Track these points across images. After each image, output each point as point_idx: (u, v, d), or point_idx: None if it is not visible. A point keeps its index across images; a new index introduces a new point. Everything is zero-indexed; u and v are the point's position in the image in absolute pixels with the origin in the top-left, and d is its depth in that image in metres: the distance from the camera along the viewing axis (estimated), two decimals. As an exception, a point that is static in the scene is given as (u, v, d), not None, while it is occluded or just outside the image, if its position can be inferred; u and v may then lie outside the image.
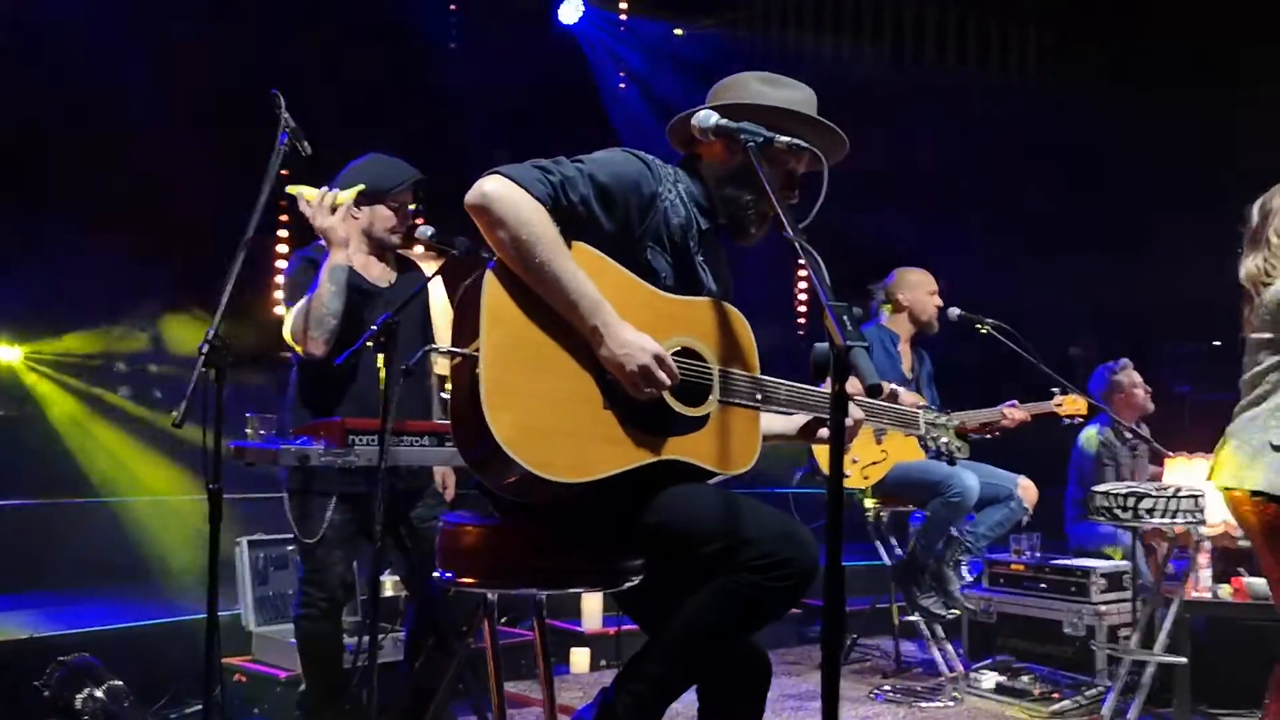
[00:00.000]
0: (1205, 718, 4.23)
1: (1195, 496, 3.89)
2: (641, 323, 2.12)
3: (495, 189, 2.07)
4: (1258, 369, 3.06)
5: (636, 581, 2.31)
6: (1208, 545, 4.42)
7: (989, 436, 4.23)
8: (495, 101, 6.70)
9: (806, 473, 4.66)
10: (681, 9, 7.98)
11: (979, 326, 4.66)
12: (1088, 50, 7.98)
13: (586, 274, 2.09)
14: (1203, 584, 4.46)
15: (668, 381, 2.10)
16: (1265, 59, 7.04)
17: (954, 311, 4.74)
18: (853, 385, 1.66)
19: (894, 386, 2.84)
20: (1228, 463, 3.07)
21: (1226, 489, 3.06)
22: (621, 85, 7.78)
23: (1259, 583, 4.37)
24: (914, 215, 7.46)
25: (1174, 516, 3.89)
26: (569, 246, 2.10)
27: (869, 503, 4.78)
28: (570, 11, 7.40)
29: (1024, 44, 8.46)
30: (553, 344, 2.08)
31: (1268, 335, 3.04)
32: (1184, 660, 4.04)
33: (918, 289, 4.91)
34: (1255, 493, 2.96)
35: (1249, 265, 3.13)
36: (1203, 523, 3.98)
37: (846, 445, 4.54)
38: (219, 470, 2.86)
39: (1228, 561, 4.77)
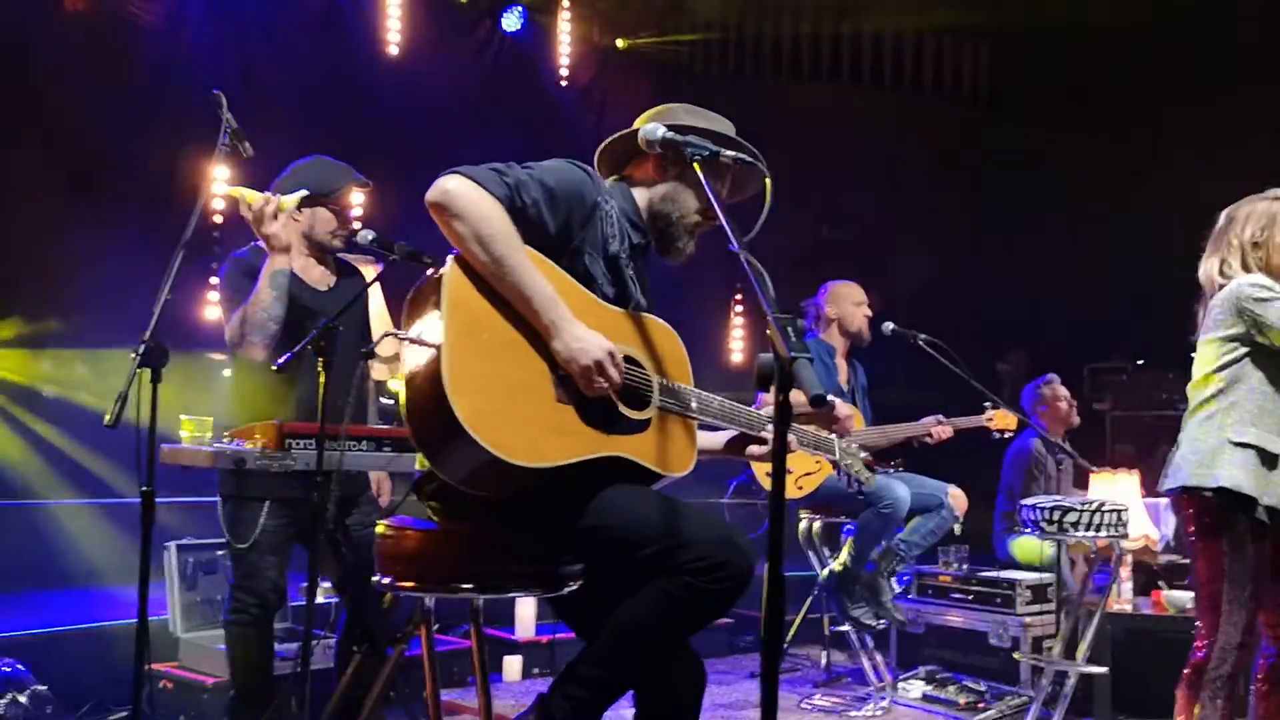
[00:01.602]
0: (1124, 727, 4.36)
1: (1118, 511, 4.00)
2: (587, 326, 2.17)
3: (456, 186, 2.13)
4: (1210, 367, 3.16)
5: (575, 586, 2.33)
6: (1129, 559, 4.56)
7: (892, 470, 4.32)
8: (437, 107, 6.68)
9: (742, 482, 4.71)
10: (623, 22, 8.03)
11: (912, 340, 4.76)
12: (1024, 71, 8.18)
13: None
14: (1124, 596, 4.60)
15: (619, 379, 2.16)
16: (1178, 87, 7.30)
17: (888, 326, 4.82)
18: (797, 396, 1.69)
19: (831, 397, 2.90)
20: (1184, 464, 3.15)
21: (1185, 489, 3.13)
22: (563, 95, 7.79)
23: (1177, 596, 4.52)
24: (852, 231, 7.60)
25: (1097, 530, 3.99)
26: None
27: (801, 513, 4.84)
28: (512, 20, 7.41)
29: (959, 63, 8.62)
30: (510, 335, 2.14)
31: (1218, 334, 3.15)
32: (1104, 670, 4.15)
33: (844, 301, 5.00)
34: (1219, 490, 3.04)
35: (1208, 266, 3.27)
36: (1125, 536, 4.09)
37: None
38: (153, 472, 2.83)
39: (1148, 575, 4.93)
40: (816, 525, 4.95)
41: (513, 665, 4.92)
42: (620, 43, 8.08)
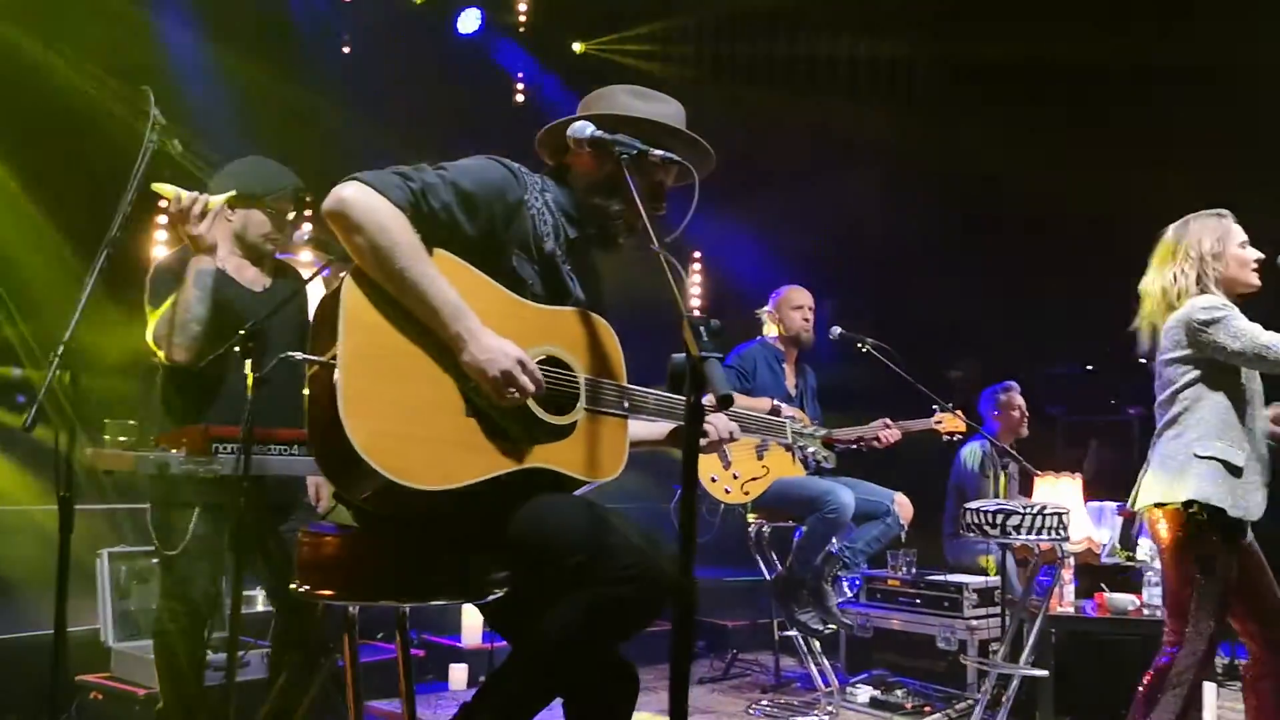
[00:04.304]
0: (1067, 729, 4.37)
1: (1060, 514, 4.01)
2: (506, 331, 2.10)
3: (353, 195, 2.03)
4: (1173, 388, 3.24)
5: (501, 594, 2.28)
6: (1072, 562, 4.58)
7: (855, 446, 4.33)
8: (390, 109, 6.61)
9: (688, 488, 4.68)
10: (581, 25, 8.00)
11: (860, 345, 4.76)
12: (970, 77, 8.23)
13: (449, 282, 2.06)
14: (1067, 599, 4.62)
15: (531, 387, 2.09)
16: (1133, 93, 7.38)
17: (835, 330, 4.82)
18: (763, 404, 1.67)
19: (778, 402, 2.88)
20: (1154, 484, 3.23)
21: (1157, 505, 3.20)
22: (520, 98, 7.75)
23: (1120, 598, 4.54)
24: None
25: (1040, 533, 4.00)
26: (430, 254, 2.07)
27: (750, 517, 4.83)
28: (469, 21, 7.35)
29: (913, 70, 8.66)
30: (414, 351, 2.05)
31: (1178, 354, 3.23)
32: (1045, 673, 4.16)
33: (785, 306, 5.01)
34: (1188, 502, 3.12)
35: (1161, 281, 3.32)
36: (1067, 539, 4.10)
37: (726, 455, 4.56)
38: (70, 478, 2.75)
39: (1092, 578, 4.95)
40: (765, 530, 4.93)
41: (459, 673, 4.86)
42: (578, 46, 8.05)
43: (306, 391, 2.09)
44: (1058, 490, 4.66)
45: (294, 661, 3.37)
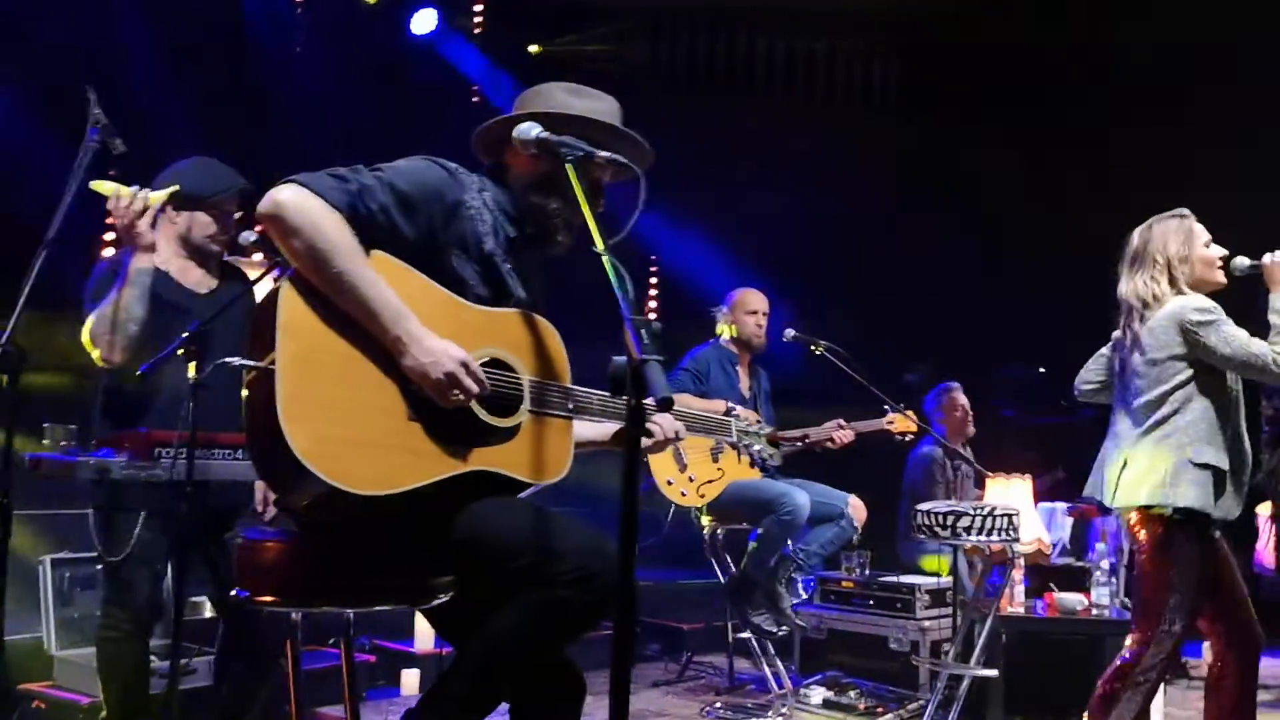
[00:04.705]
0: (1017, 728, 4.41)
1: (1010, 515, 4.04)
2: (447, 333, 2.08)
3: (289, 197, 2.01)
4: (1162, 389, 3.23)
5: (447, 598, 2.26)
6: (1021, 562, 4.62)
7: (800, 444, 4.35)
8: (342, 109, 6.55)
9: (644, 491, 4.68)
10: (537, 26, 7.97)
11: (813, 348, 4.78)
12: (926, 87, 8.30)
13: (389, 284, 2.04)
14: (1017, 599, 4.67)
15: (475, 389, 2.07)
16: (1091, 95, 7.48)
17: (789, 333, 4.84)
18: (691, 401, 1.66)
19: (732, 405, 2.88)
20: (1142, 484, 3.21)
21: (1145, 507, 3.19)
22: (475, 99, 7.71)
23: (1068, 598, 4.59)
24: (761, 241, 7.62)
25: (990, 534, 4.03)
26: (368, 256, 2.05)
27: (705, 520, 4.83)
28: (423, 22, 7.30)
29: (870, 72, 8.71)
30: (354, 355, 2.02)
31: (1166, 354, 3.22)
32: (995, 673, 4.19)
33: (739, 309, 5.02)
34: (1179, 509, 3.13)
35: (1133, 285, 3.34)
36: (1017, 540, 4.14)
37: (682, 457, 4.54)
38: (9, 482, 2.70)
39: (1042, 578, 5.01)
40: (720, 532, 4.93)
41: (411, 679, 4.82)
42: (533, 48, 8.02)
43: (245, 395, 2.06)
44: (1009, 491, 4.70)
45: (240, 669, 3.33)
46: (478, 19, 7.65)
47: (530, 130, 2.24)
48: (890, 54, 8.55)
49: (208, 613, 4.19)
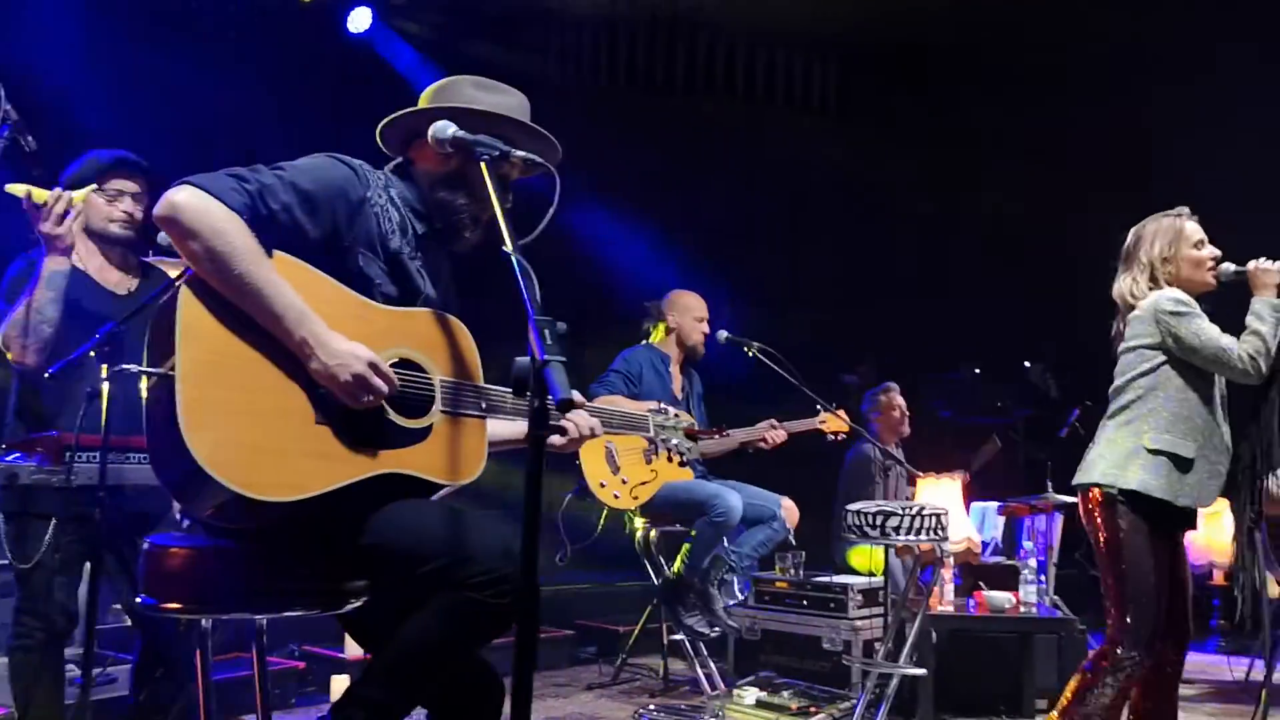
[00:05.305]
0: (947, 726, 4.45)
1: (938, 515, 4.08)
2: (355, 334, 2.05)
3: (186, 200, 1.96)
4: (1127, 376, 3.32)
5: (359, 603, 2.23)
6: (951, 561, 4.67)
7: (717, 438, 4.36)
8: (278, 106, 6.44)
9: (575, 495, 4.66)
10: (475, 26, 7.91)
11: (746, 349, 4.79)
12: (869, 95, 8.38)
13: (292, 286, 2.00)
14: (947, 598, 4.71)
15: (385, 389, 2.04)
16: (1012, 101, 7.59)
17: (722, 334, 4.84)
18: (624, 403, 1.64)
19: (665, 406, 2.87)
20: (1098, 462, 3.29)
21: (1096, 485, 3.25)
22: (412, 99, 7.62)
23: (997, 596, 4.64)
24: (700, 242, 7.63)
25: (919, 534, 4.06)
26: (270, 257, 2.01)
27: (638, 522, 4.82)
28: (359, 20, 7.21)
29: (809, 74, 8.76)
30: (257, 359, 1.98)
31: (1138, 343, 3.30)
32: (923, 671, 4.22)
33: (686, 314, 5.01)
34: (1125, 491, 3.18)
35: (1122, 284, 3.41)
36: (946, 539, 4.18)
37: (615, 459, 4.50)
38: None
39: (973, 577, 5.06)
40: (653, 534, 4.93)
41: (341, 685, 4.74)
42: (471, 47, 7.95)
43: (145, 401, 2.01)
44: (939, 491, 4.74)
45: (157, 679, 3.26)
46: (415, 19, 7.58)
47: (446, 129, 2.22)
48: (827, 56, 8.61)
49: (128, 620, 4.11)
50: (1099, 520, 3.28)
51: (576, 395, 2.42)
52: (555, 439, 2.41)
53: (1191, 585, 3.45)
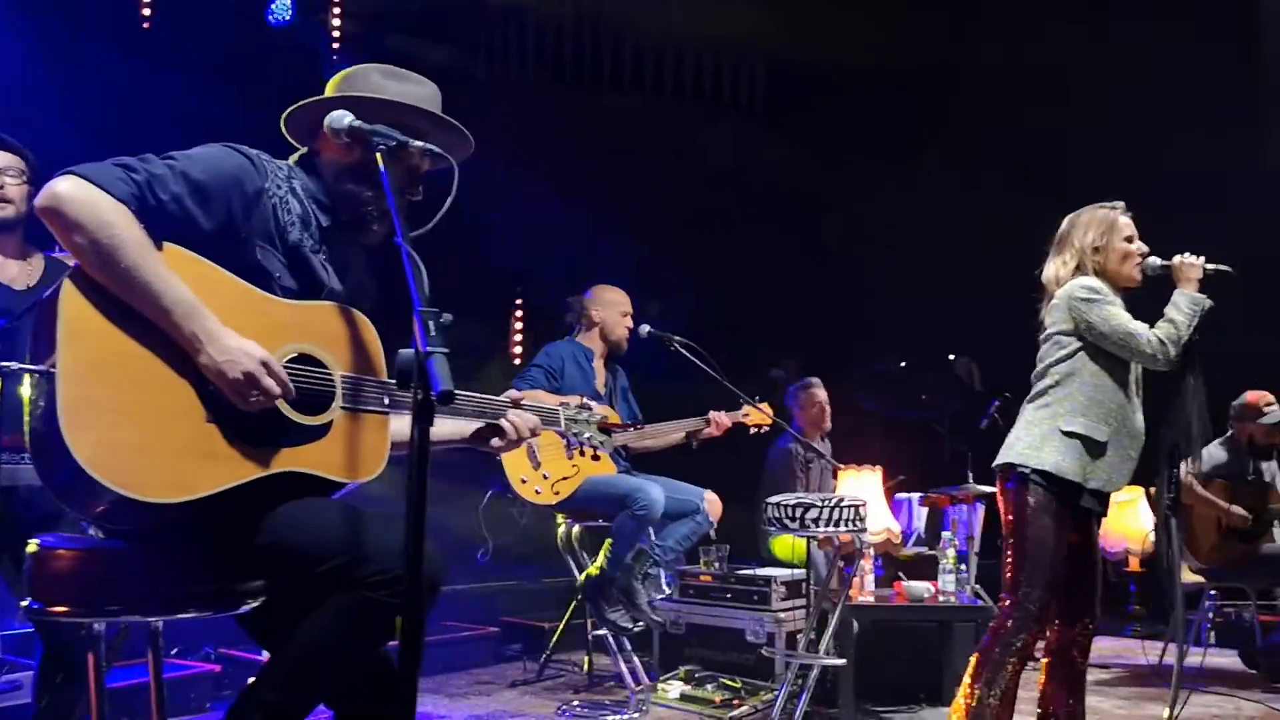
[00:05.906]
0: (867, 715, 4.49)
1: (856, 506, 4.11)
2: (251, 330, 2.00)
3: (69, 190, 1.89)
4: (1045, 362, 3.40)
5: (256, 604, 2.18)
6: (871, 552, 4.72)
7: (632, 431, 4.37)
8: (196, 96, 6.30)
9: (496, 492, 4.62)
10: (399, 19, 7.81)
11: (669, 344, 4.78)
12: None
13: (184, 279, 1.95)
14: (868, 589, 4.76)
15: (277, 390, 1.99)
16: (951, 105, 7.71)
17: (645, 329, 4.83)
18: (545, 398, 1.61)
19: (587, 400, 2.85)
20: (1015, 443, 3.36)
21: (1011, 465, 3.32)
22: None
23: (916, 586, 4.70)
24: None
25: (838, 525, 4.09)
26: (160, 250, 1.95)
27: (559, 517, 4.80)
28: (280, 10, 7.09)
29: (737, 75, 8.80)
30: (145, 355, 1.92)
31: (1052, 330, 3.38)
32: (843, 661, 4.26)
33: (611, 308, 4.98)
34: (1039, 471, 3.25)
35: (1051, 268, 3.47)
36: (864, 530, 4.22)
37: (536, 455, 4.48)
38: None
39: (895, 567, 5.12)
40: (575, 529, 4.91)
41: (259, 687, 4.67)
42: (393, 40, 7.86)
43: (27, 400, 1.95)
44: (860, 483, 4.78)
45: (59, 684, 3.17)
46: (336, 9, 7.47)
47: (342, 119, 2.18)
48: (755, 58, 8.66)
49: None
50: (1012, 499, 3.35)
51: (515, 393, 2.40)
52: (495, 440, 2.40)
53: (1103, 569, 3.53)
